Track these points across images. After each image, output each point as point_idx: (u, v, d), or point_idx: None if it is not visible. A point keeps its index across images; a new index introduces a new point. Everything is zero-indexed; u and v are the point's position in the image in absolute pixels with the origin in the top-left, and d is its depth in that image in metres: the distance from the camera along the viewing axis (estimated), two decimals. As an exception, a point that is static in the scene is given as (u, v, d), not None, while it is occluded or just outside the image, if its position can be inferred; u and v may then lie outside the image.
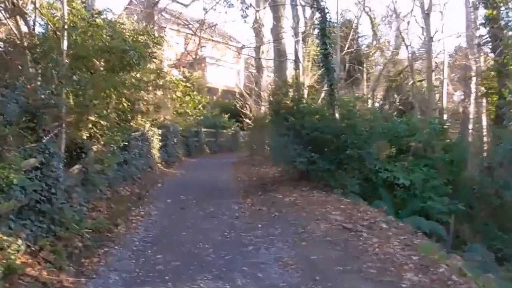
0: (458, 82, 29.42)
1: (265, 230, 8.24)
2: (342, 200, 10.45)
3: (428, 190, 12.49)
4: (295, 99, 13.53)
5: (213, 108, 29.75)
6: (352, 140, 11.58)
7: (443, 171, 13.17)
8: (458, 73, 27.79)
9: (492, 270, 8.44)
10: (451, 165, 13.36)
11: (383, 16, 34.58)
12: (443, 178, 12.89)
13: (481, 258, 9.82)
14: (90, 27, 10.25)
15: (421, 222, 11.03)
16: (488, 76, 24.84)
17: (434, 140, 13.61)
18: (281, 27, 22.21)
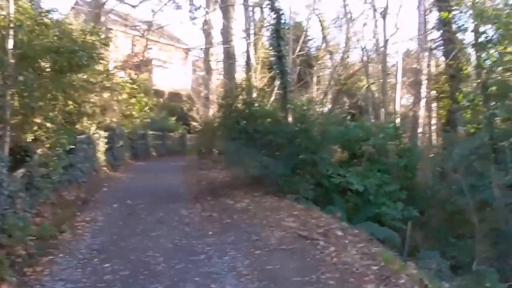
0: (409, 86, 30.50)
1: (217, 237, 8.24)
2: (295, 206, 10.61)
3: (382, 196, 12.89)
4: (247, 102, 13.62)
5: (160, 110, 29.78)
6: (305, 144, 11.79)
7: (397, 176, 13.63)
8: (408, 77, 28.81)
9: (447, 279, 8.79)
10: (405, 170, 13.85)
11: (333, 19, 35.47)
12: (397, 183, 13.33)
13: (436, 265, 10.19)
14: (37, 26, 10.00)
15: (375, 228, 11.35)
16: (440, 80, 25.96)
17: (388, 145, 14.07)
18: (230, 28, 22.35)
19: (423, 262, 10.49)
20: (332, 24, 34.88)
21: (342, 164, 13.82)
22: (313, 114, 13.61)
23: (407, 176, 13.94)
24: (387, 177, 13.24)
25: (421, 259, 10.85)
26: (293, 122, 12.61)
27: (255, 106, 13.36)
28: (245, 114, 13.01)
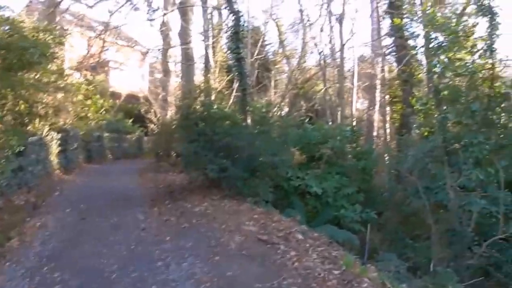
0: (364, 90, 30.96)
1: (175, 243, 7.89)
2: (255, 209, 10.38)
3: (341, 198, 12.84)
4: (206, 104, 13.31)
5: (116, 112, 29.17)
6: (265, 146, 11.58)
7: (355, 179, 13.62)
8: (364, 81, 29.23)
9: (406, 281, 8.76)
10: (363, 173, 13.86)
11: (290, 24, 35.66)
12: (355, 186, 13.32)
13: (394, 267, 10.17)
14: (-14, 23, 9.43)
15: (334, 231, 11.26)
16: (393, 85, 26.42)
17: (346, 148, 14.06)
18: (189, 29, 21.98)
19: (382, 264, 10.45)
20: (289, 29, 35.09)
21: (301, 166, 13.70)
22: (272, 117, 13.43)
23: (365, 179, 13.97)
24: (345, 180, 13.21)
25: (380, 261, 10.81)
26: (252, 125, 12.38)
27: (214, 108, 13.06)
28: (204, 116, 12.68)
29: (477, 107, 13.52)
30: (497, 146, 13.86)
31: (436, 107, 15.86)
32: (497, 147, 13.87)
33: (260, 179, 11.69)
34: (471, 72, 14.49)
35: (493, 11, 13.69)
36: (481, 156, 13.55)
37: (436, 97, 15.54)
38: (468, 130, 14.18)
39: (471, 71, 14.44)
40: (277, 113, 15.97)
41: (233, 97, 19.51)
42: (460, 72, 14.96)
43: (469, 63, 14.50)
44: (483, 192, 13.31)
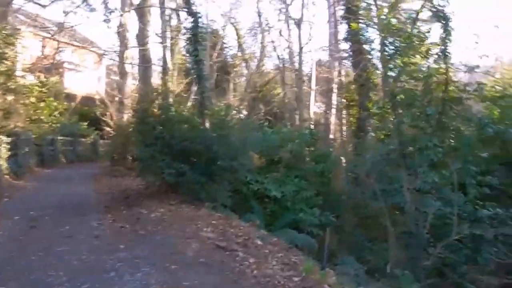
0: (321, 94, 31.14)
1: (130, 251, 7.49)
2: (213, 214, 10.10)
3: (300, 202, 12.72)
4: (164, 107, 12.91)
5: (71, 115, 28.25)
6: (224, 150, 11.32)
7: (314, 182, 13.54)
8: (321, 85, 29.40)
9: (365, 284, 8.68)
10: (321, 176, 13.79)
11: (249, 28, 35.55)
12: (314, 189, 13.23)
13: (353, 271, 10.12)
14: None
15: (293, 235, 11.13)
16: (350, 89, 26.67)
17: (305, 151, 13.96)
18: (147, 31, 21.46)
19: (341, 267, 10.41)
20: (248, 33, 34.97)
21: (260, 170, 13.51)
22: (231, 120, 13.17)
23: (323, 182, 13.92)
24: (304, 183, 13.10)
25: (339, 264, 10.76)
26: (211, 128, 12.09)
27: (172, 111, 12.68)
28: (161, 119, 12.30)
29: (432, 111, 13.71)
30: (450, 149, 14.10)
31: (392, 111, 16.03)
32: (450, 150, 14.11)
33: (218, 184, 11.42)
34: (426, 77, 14.71)
35: (446, 17, 13.93)
36: (436, 159, 13.74)
37: (392, 101, 15.69)
38: (423, 134, 14.36)
39: (426, 75, 14.65)
40: (236, 117, 15.71)
41: (192, 100, 19.18)
42: (415, 76, 15.18)
43: (424, 68, 14.72)
44: (438, 194, 13.51)
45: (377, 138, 17.35)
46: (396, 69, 15.86)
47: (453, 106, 14.27)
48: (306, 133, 14.96)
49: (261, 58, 31.20)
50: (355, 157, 16.04)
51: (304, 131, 15.26)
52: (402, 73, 15.69)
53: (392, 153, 14.47)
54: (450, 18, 13.87)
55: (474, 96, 14.14)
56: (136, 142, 13.94)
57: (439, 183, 13.46)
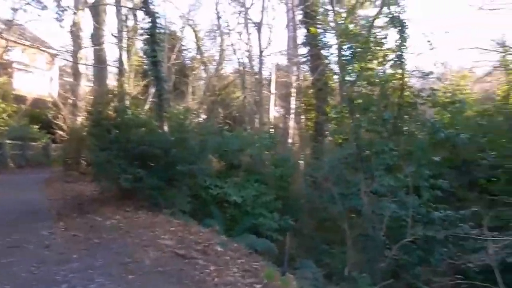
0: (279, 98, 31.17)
1: (83, 261, 7.08)
2: (171, 221, 9.78)
3: (259, 206, 12.55)
4: (120, 109, 12.46)
5: (21, 118, 26.93)
6: (183, 154, 11.02)
7: (274, 186, 13.42)
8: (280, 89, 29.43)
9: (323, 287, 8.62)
10: (281, 180, 13.68)
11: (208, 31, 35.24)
12: (273, 193, 13.11)
13: (312, 275, 10.04)
14: None
15: (253, 240, 10.95)
16: (307, 93, 26.83)
17: (265, 155, 13.83)
18: (102, 30, 20.77)
19: (300, 272, 10.32)
20: (206, 35, 34.63)
21: (219, 175, 13.25)
22: (190, 124, 12.87)
23: (283, 186, 13.81)
24: (264, 187, 12.95)
25: (298, 268, 10.66)
26: (169, 132, 11.74)
27: (128, 114, 12.25)
28: (117, 122, 11.86)
29: (388, 116, 13.91)
30: (405, 153, 14.35)
31: (350, 115, 16.19)
32: (405, 154, 14.36)
33: (177, 189, 11.09)
34: (382, 82, 14.95)
35: (403, 23, 14.20)
36: (392, 163, 13.95)
37: (350, 106, 15.86)
38: (379, 138, 14.57)
39: (382, 81, 14.89)
40: (195, 120, 15.39)
41: (149, 103, 18.72)
42: (372, 81, 15.39)
43: (381, 73, 14.94)
44: (393, 197, 13.68)
45: (335, 142, 17.46)
46: (354, 74, 16.07)
47: (408, 111, 14.57)
48: (266, 137, 14.82)
49: (220, 61, 30.94)
50: (313, 161, 16.04)
51: (264, 135, 15.13)
52: (359, 78, 15.91)
53: (349, 157, 14.59)
54: (406, 24, 14.18)
55: (427, 101, 14.45)
56: (90, 146, 13.38)
57: (395, 186, 13.65)
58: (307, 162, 15.79)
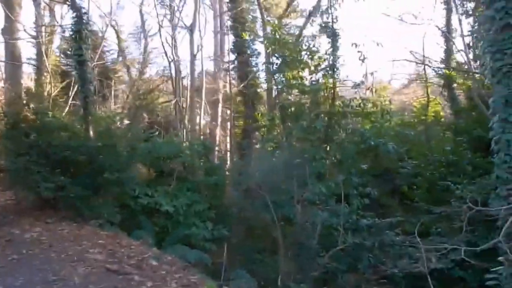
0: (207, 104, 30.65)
1: (1, 282, 6.25)
2: (99, 233, 9.08)
3: (192, 216, 11.99)
4: (40, 112, 11.40)
5: None
6: (110, 161, 10.28)
7: (207, 195, 12.94)
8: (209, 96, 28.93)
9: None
10: (214, 189, 13.20)
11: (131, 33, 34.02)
12: (206, 202, 12.60)
13: (245, 285, 9.74)
14: None
15: (186, 251, 10.42)
16: (235, 100, 26.57)
17: (197, 163, 13.32)
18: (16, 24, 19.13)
19: (235, 283, 9.97)
20: (130, 37, 33.38)
21: (149, 183, 12.53)
22: (118, 128, 12.08)
23: (216, 195, 13.35)
24: (196, 196, 12.39)
25: (233, 279, 10.28)
26: (95, 137, 10.91)
27: (49, 116, 11.24)
28: (36, 125, 10.84)
29: (320, 125, 13.96)
30: (336, 161, 14.51)
31: (282, 123, 16.15)
32: (336, 162, 14.52)
33: (104, 198, 10.30)
34: (314, 91, 15.03)
35: (335, 33, 14.35)
36: (323, 171, 14.03)
37: (281, 113, 15.80)
38: (311, 146, 14.61)
39: (314, 89, 14.96)
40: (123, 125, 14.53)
41: (70, 105, 17.50)
42: (305, 89, 15.43)
43: (314, 82, 15.00)
44: (325, 205, 13.76)
45: (266, 150, 17.32)
46: (283, 82, 16.03)
47: (338, 120, 14.75)
48: (199, 144, 14.29)
49: (144, 64, 29.90)
50: (244, 168, 15.76)
51: (196, 142, 14.57)
52: (290, 86, 15.89)
53: (282, 165, 14.48)
54: (338, 34, 14.34)
55: (357, 111, 14.71)
56: (5, 151, 12.12)
57: (326, 194, 13.73)
58: (238, 169, 15.46)
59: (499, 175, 7.70)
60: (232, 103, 25.97)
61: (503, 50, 7.51)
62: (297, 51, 15.57)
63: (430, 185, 18.51)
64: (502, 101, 7.51)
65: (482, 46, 8.68)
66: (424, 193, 18.75)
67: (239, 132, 24.83)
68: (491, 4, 7.69)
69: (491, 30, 7.76)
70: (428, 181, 18.36)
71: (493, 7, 7.64)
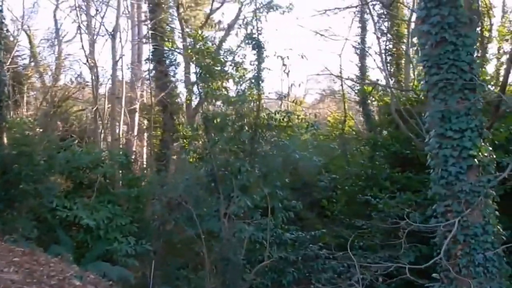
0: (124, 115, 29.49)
1: None
2: (14, 249, 8.27)
3: (113, 231, 11.30)
4: None
5: None
6: (27, 172, 9.45)
7: (129, 208, 12.32)
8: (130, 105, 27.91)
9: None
10: (136, 201, 12.58)
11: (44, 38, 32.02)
12: (128, 215, 11.97)
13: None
14: None
15: (107, 268, 9.85)
16: (153, 110, 25.86)
17: (119, 174, 12.65)
18: None
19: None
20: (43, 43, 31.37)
21: (67, 195, 11.68)
22: (35, 136, 11.18)
23: (138, 208, 12.74)
24: (118, 209, 11.72)
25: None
26: (10, 145, 10.02)
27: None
28: None
29: (245, 136, 13.89)
30: (261, 174, 14.49)
31: (205, 134, 15.85)
32: (261, 175, 14.50)
33: (19, 212, 9.45)
34: (239, 101, 14.95)
35: (260, 44, 14.39)
36: (248, 184, 13.95)
37: (205, 124, 15.52)
38: (236, 158, 14.49)
39: (239, 100, 14.89)
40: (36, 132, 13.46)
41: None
42: (230, 100, 15.30)
43: (240, 93, 14.91)
44: (251, 218, 13.67)
45: (188, 161, 16.92)
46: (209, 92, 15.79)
47: (263, 132, 14.77)
48: (120, 154, 13.56)
49: (59, 70, 28.20)
50: (166, 180, 15.26)
51: (118, 152, 13.81)
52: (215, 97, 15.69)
53: (206, 177, 14.22)
54: (263, 46, 14.40)
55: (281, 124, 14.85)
56: None
57: (252, 208, 13.66)
58: (160, 181, 14.90)
59: (436, 191, 7.95)
60: (149, 113, 25.29)
61: (439, 64, 7.83)
62: (221, 61, 15.45)
63: (349, 199, 19.17)
64: (438, 116, 7.79)
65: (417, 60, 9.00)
66: (343, 206, 19.36)
67: (157, 143, 24.19)
68: (426, 18, 8.00)
69: (427, 45, 8.06)
70: (347, 195, 18.99)
71: (428, 22, 7.96)
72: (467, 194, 7.52)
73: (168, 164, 20.80)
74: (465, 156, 7.60)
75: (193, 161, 16.45)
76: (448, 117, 7.72)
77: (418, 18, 8.44)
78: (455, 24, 7.80)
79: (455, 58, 7.73)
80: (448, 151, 7.67)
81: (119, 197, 12.30)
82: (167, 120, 23.38)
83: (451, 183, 7.64)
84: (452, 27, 7.78)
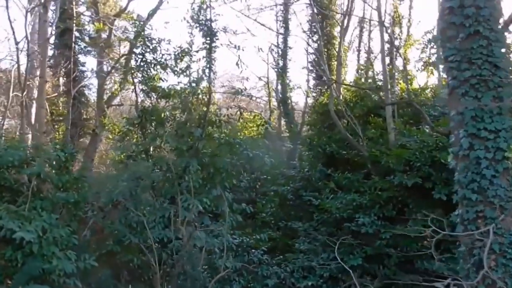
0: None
1: None
2: None
3: (50, 244, 8.85)
4: None
5: None
6: None
7: (67, 216, 9.95)
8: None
9: None
10: (76, 207, 10.17)
11: None
12: (68, 225, 9.55)
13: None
14: None
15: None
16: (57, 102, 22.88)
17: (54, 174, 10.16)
18: None
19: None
20: None
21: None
22: None
23: (77, 215, 10.36)
24: (53, 218, 9.25)
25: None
26: None
27: None
28: None
29: (199, 133, 12.23)
30: (208, 175, 12.94)
31: (140, 130, 13.88)
32: (208, 176, 12.95)
33: None
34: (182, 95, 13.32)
35: (212, 33, 12.82)
36: (197, 185, 12.35)
37: (141, 119, 13.53)
38: (178, 156, 12.86)
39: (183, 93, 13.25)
40: None
41: None
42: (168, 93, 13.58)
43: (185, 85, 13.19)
44: (201, 224, 12.18)
45: (117, 160, 14.74)
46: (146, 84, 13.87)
47: (212, 128, 13.25)
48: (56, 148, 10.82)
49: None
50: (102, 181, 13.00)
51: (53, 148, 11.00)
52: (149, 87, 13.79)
53: (145, 178, 12.30)
54: (217, 35, 12.82)
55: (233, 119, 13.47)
56: None
57: (201, 212, 12.14)
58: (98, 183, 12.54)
59: (464, 196, 7.07)
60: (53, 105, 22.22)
61: (471, 59, 7.05)
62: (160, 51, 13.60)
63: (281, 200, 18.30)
64: (471, 115, 6.98)
65: (438, 56, 8.26)
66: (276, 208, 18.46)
67: (59, 138, 21.17)
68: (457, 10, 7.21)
69: (458, 38, 7.24)
70: (282, 197, 18.09)
71: (461, 12, 7.16)
72: (501, 199, 6.81)
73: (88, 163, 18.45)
74: (499, 158, 6.90)
75: (122, 159, 14.30)
76: (481, 116, 6.99)
77: (444, 7, 7.59)
78: (488, 18, 7.15)
79: (488, 54, 7.10)
80: (482, 152, 6.89)
81: (56, 203, 9.80)
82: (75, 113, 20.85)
83: (484, 187, 6.87)
84: (486, 20, 7.12)
